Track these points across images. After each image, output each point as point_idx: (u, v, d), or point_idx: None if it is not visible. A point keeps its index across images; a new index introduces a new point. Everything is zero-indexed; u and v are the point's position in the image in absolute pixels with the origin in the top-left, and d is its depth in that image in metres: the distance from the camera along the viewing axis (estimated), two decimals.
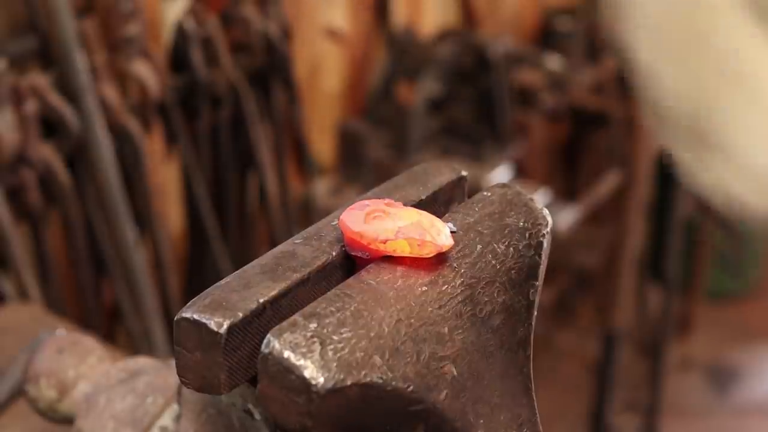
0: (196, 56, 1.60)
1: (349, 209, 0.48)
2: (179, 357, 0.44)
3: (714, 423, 2.67)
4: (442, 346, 0.44)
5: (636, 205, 2.19)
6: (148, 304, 1.52)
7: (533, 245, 0.50)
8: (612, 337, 2.29)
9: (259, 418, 0.47)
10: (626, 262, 2.23)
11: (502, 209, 0.51)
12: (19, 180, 1.35)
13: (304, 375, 0.40)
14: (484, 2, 2.41)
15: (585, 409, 2.46)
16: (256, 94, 1.74)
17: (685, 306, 2.95)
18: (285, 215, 1.84)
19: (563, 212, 2.11)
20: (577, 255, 2.54)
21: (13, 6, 1.41)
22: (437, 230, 0.47)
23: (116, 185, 1.44)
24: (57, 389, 0.65)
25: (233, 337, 0.43)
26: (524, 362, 0.49)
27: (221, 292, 0.44)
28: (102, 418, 0.61)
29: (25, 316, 1.07)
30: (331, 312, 0.42)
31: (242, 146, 1.74)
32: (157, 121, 1.58)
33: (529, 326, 0.49)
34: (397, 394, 0.42)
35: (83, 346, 0.67)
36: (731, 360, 2.91)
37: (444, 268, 0.47)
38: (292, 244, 0.48)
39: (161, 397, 0.59)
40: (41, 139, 1.36)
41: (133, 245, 1.48)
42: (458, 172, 0.55)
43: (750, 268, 3.15)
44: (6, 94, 1.30)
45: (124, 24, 1.46)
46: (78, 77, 1.37)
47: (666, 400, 2.59)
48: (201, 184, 1.67)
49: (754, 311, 3.10)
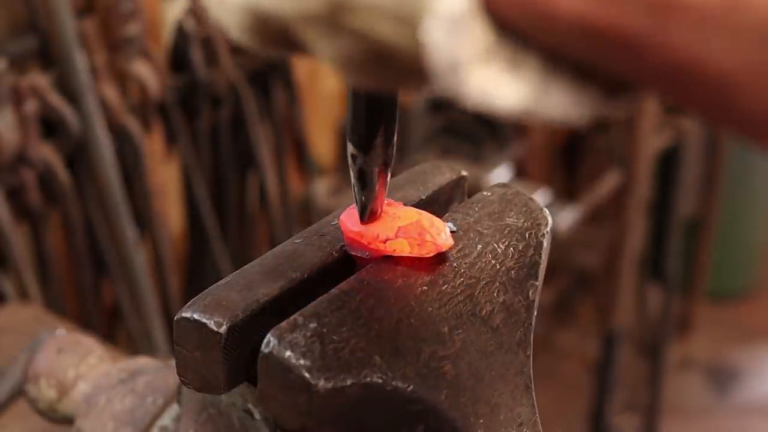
0: (196, 56, 1.60)
1: (349, 209, 0.48)
2: (179, 357, 0.44)
3: (714, 423, 2.67)
4: (442, 346, 0.44)
5: (636, 205, 2.19)
6: (148, 304, 1.52)
7: (533, 245, 0.50)
8: (612, 337, 2.29)
9: (259, 418, 0.47)
10: (626, 262, 2.23)
11: (501, 209, 0.51)
12: (19, 180, 1.35)
13: (304, 374, 0.40)
14: None
15: (585, 409, 2.45)
16: (256, 94, 1.74)
17: (685, 306, 2.95)
18: (285, 215, 1.84)
19: (563, 212, 2.11)
20: (577, 255, 2.54)
21: (13, 6, 1.41)
22: (437, 230, 0.47)
23: (116, 185, 1.44)
24: (57, 389, 0.65)
25: (233, 336, 0.43)
26: (524, 362, 0.49)
27: (221, 292, 0.44)
28: (102, 418, 0.61)
29: (25, 316, 1.07)
30: (331, 312, 0.42)
31: (242, 146, 1.74)
32: (157, 121, 1.58)
33: (529, 326, 0.49)
34: (397, 394, 0.42)
35: (83, 346, 0.67)
36: (731, 360, 2.91)
37: (444, 267, 0.47)
38: (292, 244, 0.48)
39: (161, 397, 0.59)
40: (41, 139, 1.36)
41: (133, 245, 1.48)
42: (458, 172, 0.55)
43: (750, 268, 3.15)
44: (6, 94, 1.30)
45: (124, 24, 1.46)
46: (78, 77, 1.37)
47: (666, 400, 2.59)
48: (201, 184, 1.67)
49: (754, 311, 3.09)
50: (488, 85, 0.29)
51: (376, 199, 0.46)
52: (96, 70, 1.44)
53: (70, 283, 1.52)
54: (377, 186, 0.46)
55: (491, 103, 0.29)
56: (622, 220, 2.20)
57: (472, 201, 0.52)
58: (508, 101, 0.30)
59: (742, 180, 2.93)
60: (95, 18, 1.45)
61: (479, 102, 0.29)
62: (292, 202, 1.87)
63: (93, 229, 1.46)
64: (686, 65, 0.26)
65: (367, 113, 0.43)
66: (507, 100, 0.30)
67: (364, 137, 0.43)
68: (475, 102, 0.29)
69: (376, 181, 0.45)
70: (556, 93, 0.30)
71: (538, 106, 0.30)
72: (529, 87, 0.30)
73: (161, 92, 1.54)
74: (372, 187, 0.45)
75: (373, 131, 0.43)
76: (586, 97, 0.31)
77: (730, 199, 2.91)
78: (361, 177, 0.45)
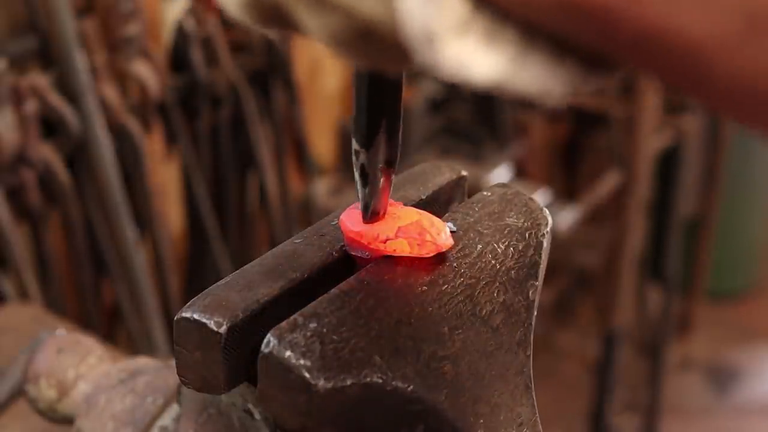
0: (196, 56, 1.60)
1: (349, 209, 0.48)
2: (179, 357, 0.44)
3: (714, 423, 2.67)
4: (442, 346, 0.44)
5: (636, 205, 2.19)
6: (148, 304, 1.52)
7: (533, 245, 0.50)
8: (612, 337, 2.29)
9: (259, 418, 0.47)
10: (626, 262, 2.23)
11: (501, 209, 0.51)
12: (19, 180, 1.35)
13: (304, 374, 0.40)
14: None
15: (585, 409, 2.45)
16: (256, 94, 1.74)
17: (685, 306, 2.95)
18: (285, 215, 1.84)
19: (563, 212, 2.11)
20: (577, 255, 2.54)
21: (13, 6, 1.41)
22: (437, 230, 0.47)
23: (116, 185, 1.44)
24: (57, 389, 0.65)
25: (233, 337, 0.43)
26: (524, 362, 0.49)
27: (221, 292, 0.44)
28: (102, 418, 0.61)
29: (25, 316, 1.07)
30: (331, 312, 0.42)
31: (242, 146, 1.74)
32: (157, 121, 1.58)
33: (529, 326, 0.49)
34: (397, 394, 0.42)
35: (83, 346, 0.66)
36: (731, 360, 2.91)
37: (444, 267, 0.47)
38: (292, 244, 0.48)
39: (161, 397, 0.59)
40: (41, 139, 1.36)
41: (133, 245, 1.48)
42: (458, 172, 0.55)
43: (750, 268, 3.15)
44: (6, 94, 1.31)
45: (124, 24, 1.46)
46: (78, 77, 1.37)
47: (666, 400, 2.59)
48: (201, 184, 1.67)
49: (754, 311, 3.09)
50: (464, 57, 0.29)
51: (378, 197, 0.46)
52: (96, 70, 1.44)
53: (70, 283, 1.52)
54: (380, 184, 0.45)
55: (467, 75, 0.29)
56: (622, 220, 2.20)
57: (472, 201, 0.52)
58: (484, 73, 0.30)
59: (742, 180, 2.93)
60: (95, 18, 1.45)
61: (455, 74, 0.29)
62: (292, 202, 1.87)
63: (93, 229, 1.46)
64: (659, 36, 0.26)
65: (368, 106, 0.43)
66: (483, 72, 0.30)
67: (365, 132, 0.43)
68: (450, 74, 0.29)
69: (378, 179, 0.45)
70: (533, 66, 0.30)
71: (514, 79, 0.30)
72: (506, 59, 0.30)
73: (161, 92, 1.54)
74: (375, 184, 0.45)
75: (375, 126, 0.43)
76: (563, 72, 0.31)
77: (730, 199, 2.91)
78: (364, 174, 0.45)
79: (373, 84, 0.42)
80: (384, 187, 0.46)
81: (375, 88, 0.42)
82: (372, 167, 0.45)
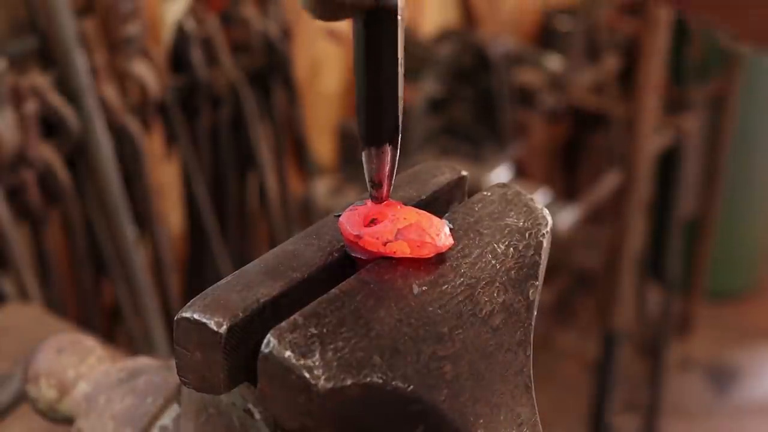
0: (196, 56, 1.60)
1: (349, 211, 0.48)
2: (179, 357, 0.44)
3: (714, 423, 2.67)
4: (442, 346, 0.44)
5: (636, 205, 2.19)
6: (148, 304, 1.52)
7: (533, 245, 0.50)
8: (612, 337, 2.29)
9: (259, 418, 0.47)
10: (626, 262, 2.23)
11: (501, 209, 0.51)
12: (19, 180, 1.35)
13: (304, 375, 0.40)
14: (484, 2, 2.41)
15: (585, 409, 2.46)
16: (256, 94, 1.74)
17: (685, 306, 2.95)
18: (285, 215, 1.84)
19: (563, 212, 2.11)
20: (577, 255, 2.55)
21: (13, 6, 1.41)
22: (437, 230, 0.47)
23: (116, 185, 1.44)
24: (57, 389, 0.65)
25: (233, 337, 0.43)
26: (524, 362, 0.49)
27: (221, 292, 0.44)
28: (102, 418, 0.61)
29: (25, 316, 1.07)
30: (331, 312, 0.42)
31: (242, 146, 1.74)
32: (157, 121, 1.58)
33: (529, 326, 0.49)
34: (397, 394, 0.42)
35: (83, 346, 0.66)
36: (731, 360, 2.91)
37: (444, 267, 0.47)
38: (292, 244, 0.48)
39: (161, 397, 0.59)
40: (41, 139, 1.36)
41: (133, 245, 1.48)
42: (458, 172, 0.55)
43: (750, 268, 3.15)
44: (6, 94, 1.31)
45: (124, 24, 1.46)
46: (78, 77, 1.37)
47: (666, 400, 2.59)
48: (201, 184, 1.67)
49: (754, 311, 3.10)
50: None
51: (382, 175, 0.46)
52: (96, 70, 1.44)
53: (70, 283, 1.52)
54: (383, 161, 0.46)
55: None
56: (622, 220, 2.20)
57: (472, 201, 0.52)
58: None
59: (742, 180, 2.93)
60: (95, 18, 1.45)
61: None
62: (292, 202, 1.87)
63: (93, 229, 1.46)
64: None
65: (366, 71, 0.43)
66: None
67: (364, 105, 0.44)
68: None
69: (380, 155, 0.45)
70: None
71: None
72: None
73: (161, 92, 1.54)
74: (380, 161, 0.46)
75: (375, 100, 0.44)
76: None
77: (730, 199, 2.91)
78: (367, 150, 0.45)
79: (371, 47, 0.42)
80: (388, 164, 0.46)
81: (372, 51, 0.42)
82: (375, 143, 0.45)
